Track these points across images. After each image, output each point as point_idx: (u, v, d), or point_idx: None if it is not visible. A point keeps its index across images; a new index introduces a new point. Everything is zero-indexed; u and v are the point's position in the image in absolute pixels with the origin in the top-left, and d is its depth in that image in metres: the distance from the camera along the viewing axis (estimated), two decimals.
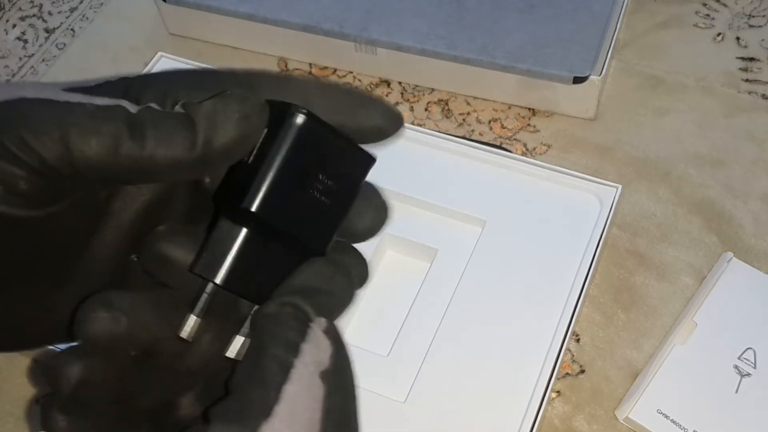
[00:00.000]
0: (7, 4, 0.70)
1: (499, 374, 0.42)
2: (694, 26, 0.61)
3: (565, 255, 0.45)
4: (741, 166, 0.53)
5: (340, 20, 0.58)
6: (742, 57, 0.59)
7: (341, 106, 0.24)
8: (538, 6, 0.58)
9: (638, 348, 0.46)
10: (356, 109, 0.24)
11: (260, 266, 0.24)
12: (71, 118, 0.21)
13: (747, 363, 0.44)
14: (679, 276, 0.49)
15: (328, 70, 0.61)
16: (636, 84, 0.58)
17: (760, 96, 0.57)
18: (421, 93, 0.60)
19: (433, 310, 0.45)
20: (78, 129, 0.21)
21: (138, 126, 0.21)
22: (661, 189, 0.53)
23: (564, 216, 0.47)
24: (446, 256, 0.47)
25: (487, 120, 0.58)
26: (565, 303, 0.44)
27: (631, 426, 0.43)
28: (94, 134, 0.21)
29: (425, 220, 0.48)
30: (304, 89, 0.24)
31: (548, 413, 0.45)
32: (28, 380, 0.48)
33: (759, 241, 0.50)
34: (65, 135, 0.21)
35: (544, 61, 0.54)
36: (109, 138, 0.21)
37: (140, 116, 0.22)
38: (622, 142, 0.55)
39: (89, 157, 0.21)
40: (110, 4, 0.68)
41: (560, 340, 0.42)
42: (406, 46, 0.57)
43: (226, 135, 0.22)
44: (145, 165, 0.22)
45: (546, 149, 0.56)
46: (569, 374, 0.46)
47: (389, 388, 0.42)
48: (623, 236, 0.51)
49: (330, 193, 0.24)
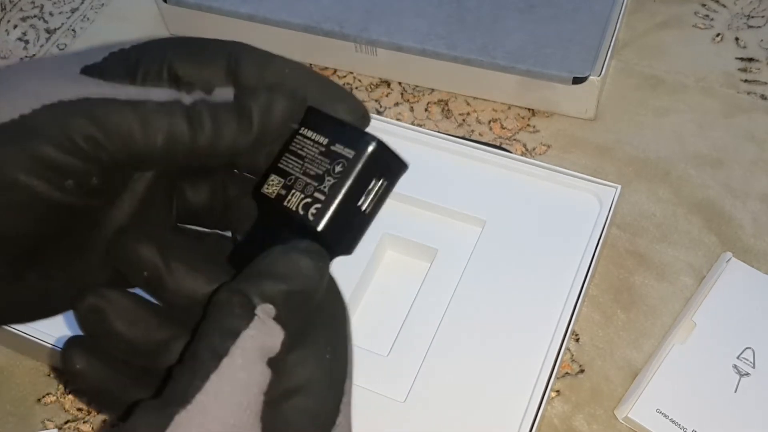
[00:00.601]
0: (9, 5, 0.70)
1: (499, 374, 0.42)
2: (694, 27, 0.61)
3: (565, 255, 0.46)
4: (740, 166, 0.53)
5: (340, 21, 0.58)
6: (741, 57, 0.59)
7: (318, 94, 0.25)
8: (538, 6, 0.58)
9: (638, 348, 0.47)
10: (333, 101, 0.26)
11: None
12: (137, 117, 0.23)
13: (746, 362, 0.44)
14: (679, 276, 0.49)
15: (328, 70, 0.61)
16: (636, 84, 0.58)
17: (759, 96, 0.57)
18: (421, 93, 0.60)
19: (433, 310, 0.45)
20: (144, 128, 0.23)
21: (196, 119, 0.24)
22: (660, 189, 0.53)
23: (564, 216, 0.47)
24: (446, 256, 0.47)
25: (487, 120, 0.58)
26: (565, 302, 0.44)
27: (630, 425, 0.44)
28: (159, 132, 0.23)
29: (425, 220, 0.48)
30: (282, 72, 0.25)
31: (548, 413, 0.45)
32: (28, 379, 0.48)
33: (758, 241, 0.50)
34: (133, 134, 0.23)
35: (544, 62, 0.54)
36: (171, 134, 0.23)
37: (197, 109, 0.24)
38: (622, 142, 0.55)
39: (154, 152, 0.23)
40: (111, 4, 0.68)
41: (560, 340, 0.42)
42: (406, 46, 0.57)
43: (277, 121, 0.24)
44: (202, 154, 0.24)
45: (546, 149, 0.56)
46: (569, 374, 0.46)
47: (389, 388, 0.42)
48: (623, 236, 0.51)
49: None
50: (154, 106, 0.23)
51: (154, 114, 0.23)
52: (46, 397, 0.48)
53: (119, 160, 0.23)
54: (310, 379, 0.24)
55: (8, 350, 0.49)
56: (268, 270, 0.24)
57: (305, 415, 0.23)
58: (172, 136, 0.23)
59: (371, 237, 0.47)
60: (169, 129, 0.23)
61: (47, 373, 0.49)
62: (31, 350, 0.48)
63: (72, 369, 0.24)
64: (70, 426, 0.47)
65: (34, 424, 0.47)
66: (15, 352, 0.49)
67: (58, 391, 0.48)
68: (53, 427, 0.46)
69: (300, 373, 0.23)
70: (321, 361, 0.24)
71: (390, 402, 0.42)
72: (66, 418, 0.47)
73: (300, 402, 0.23)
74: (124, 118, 0.23)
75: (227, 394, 0.21)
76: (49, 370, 0.49)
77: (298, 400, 0.23)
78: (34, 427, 0.47)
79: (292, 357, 0.24)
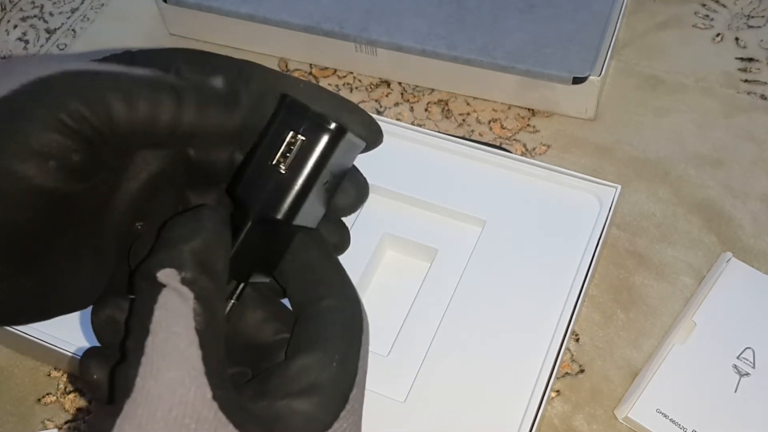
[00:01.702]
0: (9, 5, 0.70)
1: (499, 374, 0.42)
2: (694, 27, 0.61)
3: (565, 255, 0.46)
4: (740, 166, 0.53)
5: (341, 21, 0.58)
6: (741, 57, 0.59)
7: (331, 109, 0.25)
8: (538, 6, 0.58)
9: (638, 348, 0.47)
10: (345, 113, 0.26)
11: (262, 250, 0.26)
12: (120, 86, 0.22)
13: (746, 362, 0.44)
14: (679, 276, 0.49)
15: (328, 70, 0.61)
16: (635, 84, 0.58)
17: (759, 96, 0.57)
18: (421, 93, 0.60)
19: (433, 310, 0.45)
20: (127, 96, 0.22)
21: (182, 95, 0.23)
22: (660, 189, 0.53)
23: (564, 216, 0.47)
24: (446, 256, 0.47)
25: (487, 120, 0.58)
26: (565, 302, 0.44)
27: (630, 425, 0.44)
28: (142, 100, 0.22)
29: (425, 220, 0.48)
30: (293, 87, 0.25)
31: (548, 413, 0.45)
32: (28, 380, 0.48)
33: (758, 241, 0.50)
34: (115, 102, 0.22)
35: (543, 62, 0.54)
36: (155, 106, 0.22)
37: (184, 87, 0.23)
38: (622, 142, 0.55)
39: (137, 122, 0.22)
40: (111, 4, 0.68)
41: (560, 340, 0.42)
42: (406, 46, 0.57)
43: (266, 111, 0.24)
44: (186, 132, 0.23)
45: (545, 149, 0.56)
46: (569, 374, 0.46)
47: (389, 388, 0.42)
48: (623, 236, 0.51)
49: (333, 183, 0.26)
50: (138, 78, 0.23)
51: (137, 83, 0.22)
52: (46, 397, 0.48)
53: (103, 132, 0.22)
54: (312, 385, 0.23)
55: (8, 350, 0.49)
56: (164, 240, 0.23)
57: (299, 416, 0.23)
58: (155, 108, 0.23)
59: (371, 237, 0.47)
60: (152, 101, 0.23)
61: (47, 373, 0.49)
62: (31, 350, 0.48)
63: (90, 379, 0.24)
64: (70, 426, 0.47)
65: (34, 424, 0.47)
66: (15, 352, 0.49)
67: (58, 391, 0.48)
68: (53, 427, 0.46)
69: (303, 379, 0.23)
70: (326, 368, 0.24)
71: (390, 402, 0.42)
72: (66, 418, 0.47)
73: (297, 405, 0.23)
74: (106, 87, 0.22)
75: (164, 370, 0.21)
76: (49, 370, 0.49)
77: (296, 403, 0.23)
78: (34, 427, 0.47)
79: (297, 362, 0.24)
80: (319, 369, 0.24)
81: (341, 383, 0.24)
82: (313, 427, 0.23)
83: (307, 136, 0.24)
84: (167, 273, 0.22)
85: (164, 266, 0.22)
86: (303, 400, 0.23)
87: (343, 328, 0.25)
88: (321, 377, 0.24)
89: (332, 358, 0.24)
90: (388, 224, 0.48)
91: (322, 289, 0.26)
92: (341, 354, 0.24)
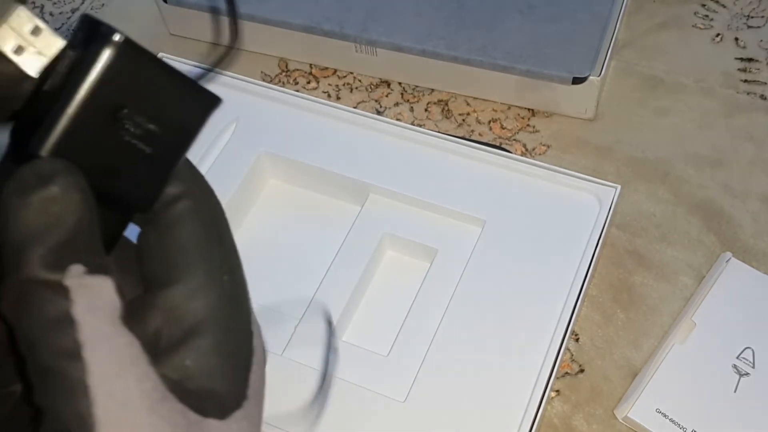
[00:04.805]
0: None
1: (499, 373, 0.42)
2: (693, 27, 0.61)
3: (565, 255, 0.46)
4: (740, 166, 0.54)
5: (341, 21, 0.58)
6: (740, 57, 0.59)
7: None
8: (538, 6, 0.58)
9: (637, 347, 0.47)
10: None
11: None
12: None
13: (746, 362, 0.44)
14: (678, 276, 0.49)
15: (328, 70, 0.62)
16: (635, 84, 0.58)
17: (758, 96, 0.57)
18: (421, 93, 0.60)
19: (433, 310, 0.45)
20: None
21: None
22: (660, 189, 0.53)
23: (563, 216, 0.47)
24: (446, 256, 0.47)
25: (487, 120, 0.58)
26: (565, 302, 0.44)
27: (630, 425, 0.44)
28: None
29: (425, 220, 0.48)
30: None
31: (547, 412, 0.45)
32: None
33: (758, 241, 0.50)
34: None
35: (543, 62, 0.54)
36: None
37: None
38: (622, 142, 0.55)
39: None
40: (111, 4, 0.68)
41: (559, 340, 0.43)
42: (406, 46, 0.57)
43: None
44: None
45: (545, 149, 0.56)
46: (568, 373, 0.46)
47: (389, 388, 0.42)
48: (622, 236, 0.51)
49: (152, 138, 0.20)
50: None
51: None
52: None
53: None
54: (207, 312, 0.18)
55: None
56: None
57: (210, 356, 0.18)
58: None
59: (371, 237, 0.48)
60: None
61: None
62: None
63: None
64: None
65: None
66: None
67: None
68: None
69: (192, 307, 0.18)
70: (216, 286, 0.19)
71: (390, 402, 0.42)
72: None
73: (201, 343, 0.18)
74: None
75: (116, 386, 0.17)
76: None
77: (198, 342, 0.18)
78: None
79: (176, 291, 0.18)
80: (208, 291, 0.19)
81: (242, 301, 0.19)
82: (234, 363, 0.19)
83: (81, 50, 0.19)
84: (74, 268, 0.17)
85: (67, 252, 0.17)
86: (201, 337, 0.18)
87: (213, 227, 0.20)
88: (214, 301, 0.19)
89: (220, 271, 0.19)
90: (388, 224, 0.48)
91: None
92: (228, 264, 0.19)
